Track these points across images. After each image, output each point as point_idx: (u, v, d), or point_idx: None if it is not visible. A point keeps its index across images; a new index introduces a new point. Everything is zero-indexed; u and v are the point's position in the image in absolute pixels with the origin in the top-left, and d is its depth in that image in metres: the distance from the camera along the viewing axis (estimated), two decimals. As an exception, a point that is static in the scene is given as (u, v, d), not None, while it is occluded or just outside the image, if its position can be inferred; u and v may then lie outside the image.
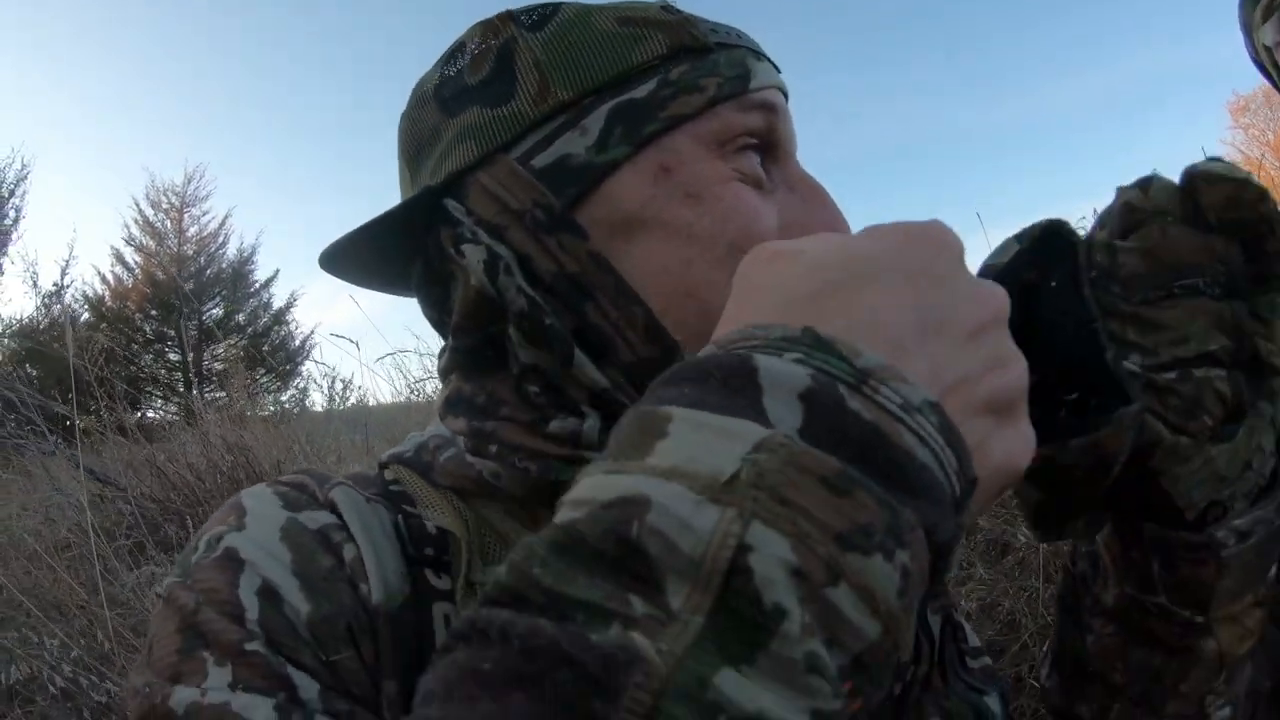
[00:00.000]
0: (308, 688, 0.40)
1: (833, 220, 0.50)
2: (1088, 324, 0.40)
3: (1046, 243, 0.43)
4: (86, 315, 12.74)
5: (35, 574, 1.85)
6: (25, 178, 11.58)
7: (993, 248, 0.44)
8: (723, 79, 0.48)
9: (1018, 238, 0.44)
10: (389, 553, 0.46)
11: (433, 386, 3.11)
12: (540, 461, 0.46)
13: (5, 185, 11.38)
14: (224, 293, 14.62)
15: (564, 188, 0.47)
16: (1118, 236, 0.42)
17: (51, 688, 1.20)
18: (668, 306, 0.46)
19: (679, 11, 0.50)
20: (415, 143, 0.53)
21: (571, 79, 0.48)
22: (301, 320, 15.31)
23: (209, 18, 26.23)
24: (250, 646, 0.40)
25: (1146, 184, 0.42)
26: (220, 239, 14.93)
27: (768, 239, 0.45)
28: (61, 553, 2.17)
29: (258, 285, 15.14)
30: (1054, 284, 0.42)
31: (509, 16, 0.51)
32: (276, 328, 15.00)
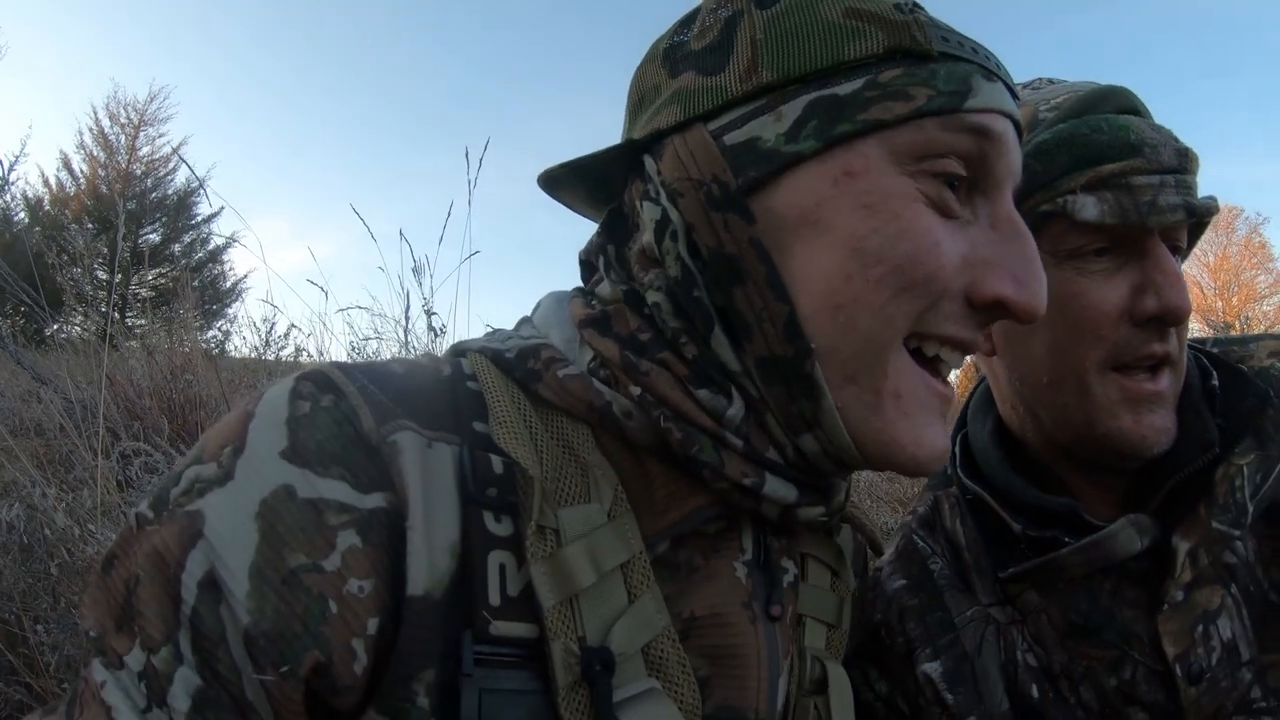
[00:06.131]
0: (180, 696, 0.38)
1: (1023, 266, 0.47)
2: None
3: None
4: (23, 215, 12.20)
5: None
6: (-14, 61, 10.90)
7: None
8: (935, 92, 0.45)
9: None
10: (446, 507, 0.42)
11: (374, 347, 2.91)
12: (684, 430, 0.45)
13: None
14: (164, 219, 14.17)
15: (745, 169, 0.46)
16: None
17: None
18: (813, 312, 0.45)
19: (913, 11, 0.47)
20: (638, 95, 0.54)
21: (780, 62, 0.46)
22: (237, 262, 14.93)
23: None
24: (173, 639, 0.38)
25: None
26: (170, 165, 14.49)
27: (940, 269, 0.44)
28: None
29: (199, 219, 14.71)
30: None
31: None
32: (210, 265, 14.57)
